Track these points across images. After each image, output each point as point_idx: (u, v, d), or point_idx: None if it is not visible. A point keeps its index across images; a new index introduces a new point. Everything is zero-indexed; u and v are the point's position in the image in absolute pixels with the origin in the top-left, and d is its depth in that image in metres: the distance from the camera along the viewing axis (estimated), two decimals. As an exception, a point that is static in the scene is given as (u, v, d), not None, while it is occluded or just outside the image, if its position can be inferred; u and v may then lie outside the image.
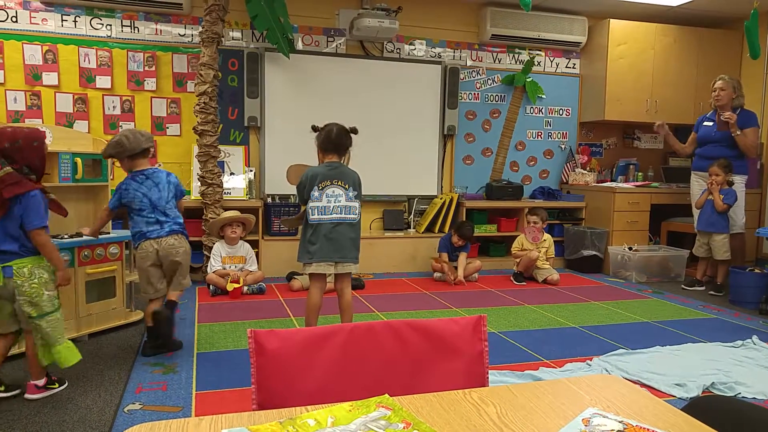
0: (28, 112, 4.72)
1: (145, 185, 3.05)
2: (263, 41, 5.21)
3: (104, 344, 3.21)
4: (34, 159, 2.38)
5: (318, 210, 3.05)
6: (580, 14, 5.96)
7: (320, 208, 3.05)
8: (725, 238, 4.75)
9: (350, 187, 3.11)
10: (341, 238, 3.06)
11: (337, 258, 3.06)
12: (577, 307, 4.27)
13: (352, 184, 3.11)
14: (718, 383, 2.73)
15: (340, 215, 3.07)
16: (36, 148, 2.38)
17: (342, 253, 3.06)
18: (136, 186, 3.05)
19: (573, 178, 6.17)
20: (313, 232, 3.06)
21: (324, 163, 3.15)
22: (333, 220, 3.06)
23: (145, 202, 3.04)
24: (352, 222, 3.11)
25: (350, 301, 3.19)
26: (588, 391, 1.09)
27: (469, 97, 5.95)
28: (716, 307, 4.39)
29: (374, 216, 5.72)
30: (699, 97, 6.09)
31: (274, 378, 1.14)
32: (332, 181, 3.07)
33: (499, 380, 2.67)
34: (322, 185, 3.06)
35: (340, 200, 3.07)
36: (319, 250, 3.03)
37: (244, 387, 2.62)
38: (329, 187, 3.07)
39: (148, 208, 3.04)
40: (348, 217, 3.09)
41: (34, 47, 4.71)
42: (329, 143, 3.13)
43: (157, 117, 5.08)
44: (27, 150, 2.35)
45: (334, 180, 3.08)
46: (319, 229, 3.05)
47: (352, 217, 3.10)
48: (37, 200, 2.34)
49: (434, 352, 1.25)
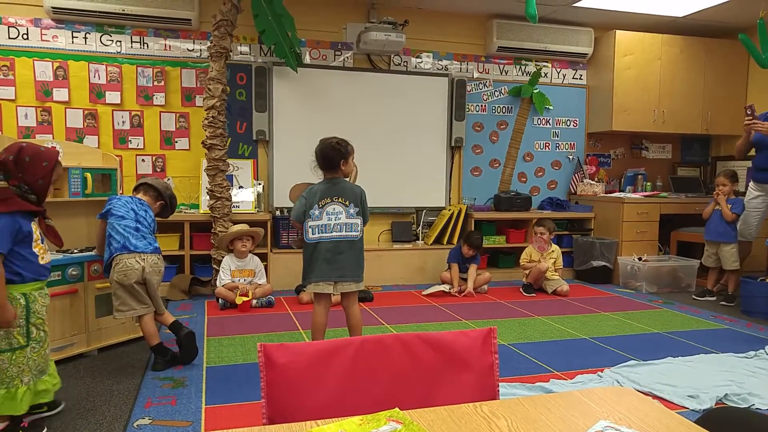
0: (39, 127, 4.78)
1: (135, 204, 3.15)
2: (271, 55, 5.25)
3: (113, 359, 3.21)
4: (37, 179, 2.22)
5: (318, 228, 3.00)
6: (586, 26, 5.97)
7: (320, 226, 3.00)
8: (734, 247, 4.73)
9: (351, 203, 3.03)
10: (341, 257, 2.99)
11: (336, 277, 2.99)
12: (587, 318, 4.24)
13: (353, 201, 3.04)
14: (732, 395, 2.69)
15: (341, 233, 3.00)
16: (43, 168, 2.23)
17: (341, 272, 2.99)
18: (128, 200, 3.14)
19: (581, 189, 6.16)
20: (313, 251, 3.00)
21: (325, 180, 3.09)
22: (333, 238, 2.99)
23: (131, 214, 3.08)
24: (354, 239, 3.03)
25: (359, 319, 3.13)
26: (600, 403, 1.08)
27: (477, 109, 5.97)
28: (728, 317, 4.34)
29: (383, 228, 5.73)
30: (707, 107, 6.08)
31: (284, 392, 1.14)
32: (333, 199, 3.01)
33: (509, 393, 2.65)
34: (322, 203, 3.01)
35: (340, 218, 3.01)
36: (318, 269, 2.98)
37: (254, 401, 2.61)
38: (329, 204, 3.01)
39: (131, 219, 3.06)
40: (349, 235, 3.02)
41: (44, 64, 4.77)
42: (321, 162, 3.07)
43: (166, 131, 5.12)
44: (30, 168, 2.19)
45: (335, 197, 3.02)
46: (318, 248, 2.99)
47: (353, 234, 3.03)
48: (0, 223, 2.11)
49: (444, 364, 1.25)
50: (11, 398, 2.17)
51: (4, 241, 2.11)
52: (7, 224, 2.12)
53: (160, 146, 5.11)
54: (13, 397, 2.17)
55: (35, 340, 2.24)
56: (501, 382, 1.29)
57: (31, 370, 2.22)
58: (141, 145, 5.05)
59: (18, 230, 2.16)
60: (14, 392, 2.18)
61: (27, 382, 2.21)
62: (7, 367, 2.16)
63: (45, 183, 2.25)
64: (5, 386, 2.16)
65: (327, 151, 3.02)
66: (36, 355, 2.24)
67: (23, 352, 2.20)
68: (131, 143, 5.03)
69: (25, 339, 2.20)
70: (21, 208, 2.18)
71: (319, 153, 3.05)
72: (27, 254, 2.20)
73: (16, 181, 2.19)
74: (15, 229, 2.15)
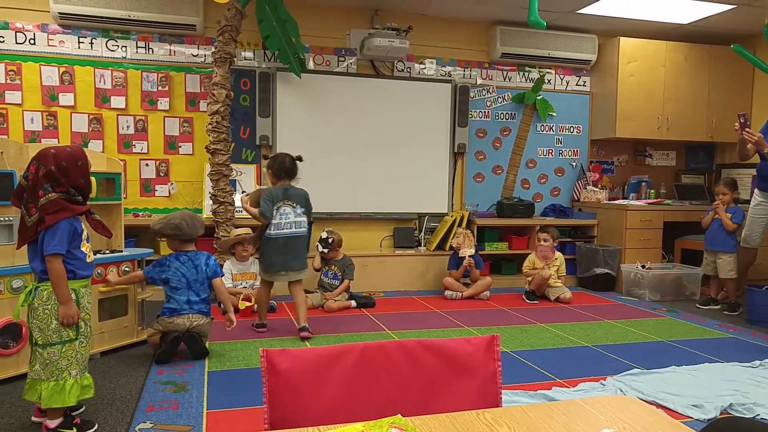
0: (45, 132, 4.80)
1: (186, 266, 3.31)
2: (275, 61, 5.27)
3: (116, 362, 3.21)
4: (79, 180, 2.29)
5: (273, 226, 3.67)
6: (589, 32, 5.98)
7: (274, 224, 3.67)
8: (731, 257, 4.74)
9: (298, 205, 3.74)
10: (290, 250, 3.70)
11: (287, 267, 3.70)
12: (590, 325, 4.22)
13: (299, 203, 3.74)
14: (737, 404, 2.67)
15: (291, 230, 3.70)
16: (80, 168, 2.29)
17: (292, 263, 3.72)
18: (178, 265, 3.30)
19: (584, 196, 6.15)
20: (269, 245, 3.67)
21: (277, 185, 3.74)
22: (285, 234, 3.69)
23: (183, 281, 3.29)
24: (301, 235, 3.75)
25: (303, 297, 3.82)
26: (603, 412, 1.07)
27: (480, 115, 5.97)
28: (733, 326, 4.32)
29: (385, 234, 5.72)
30: (711, 114, 6.07)
31: (286, 397, 1.14)
32: (284, 202, 3.69)
33: (511, 400, 2.63)
34: (277, 205, 3.67)
35: (289, 217, 3.70)
36: (274, 260, 3.68)
37: (256, 406, 2.61)
38: (282, 206, 3.68)
39: (183, 287, 3.28)
40: (297, 231, 3.73)
41: (51, 69, 4.80)
42: (283, 171, 3.75)
43: (170, 136, 5.14)
44: (72, 171, 2.26)
45: (286, 200, 3.70)
46: (273, 242, 3.66)
47: (301, 230, 3.75)
48: (60, 226, 2.21)
49: (447, 371, 1.24)
50: (60, 391, 2.25)
51: (63, 242, 2.22)
52: (66, 227, 2.24)
53: (163, 151, 5.12)
54: (62, 389, 2.25)
55: (83, 335, 2.34)
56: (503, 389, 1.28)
57: (79, 363, 2.31)
58: (145, 150, 5.07)
59: (73, 232, 2.27)
60: (63, 384, 2.26)
61: (75, 375, 2.29)
62: (57, 360, 2.26)
63: (87, 181, 2.34)
64: (54, 378, 2.25)
65: (291, 165, 3.78)
66: (83, 349, 2.34)
67: (72, 345, 2.29)
68: (135, 148, 5.04)
69: (74, 333, 2.30)
70: (74, 213, 2.27)
71: (287, 163, 3.76)
72: (78, 253, 2.31)
73: (62, 188, 2.25)
74: (71, 231, 2.26)
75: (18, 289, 2.82)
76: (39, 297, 2.25)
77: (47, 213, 2.19)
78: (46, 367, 2.24)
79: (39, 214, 2.19)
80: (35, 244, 2.25)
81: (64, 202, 2.24)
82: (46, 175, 2.21)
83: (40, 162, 2.22)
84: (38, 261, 2.25)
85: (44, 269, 2.23)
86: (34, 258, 2.26)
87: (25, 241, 2.26)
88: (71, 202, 2.27)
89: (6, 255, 2.81)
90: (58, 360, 2.26)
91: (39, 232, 2.21)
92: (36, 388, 2.26)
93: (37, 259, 2.25)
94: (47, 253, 2.20)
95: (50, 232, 2.20)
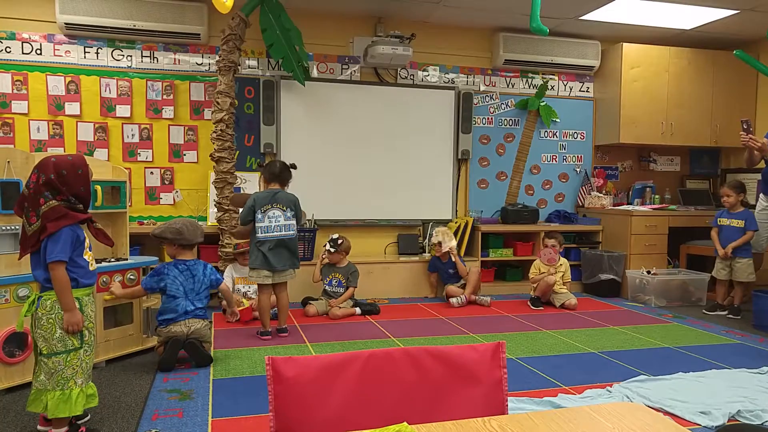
0: (51, 141, 4.83)
1: (184, 275, 3.35)
2: (279, 69, 5.29)
3: (121, 370, 3.22)
4: (79, 188, 2.29)
5: (262, 229, 3.76)
6: (592, 38, 5.99)
7: (263, 227, 3.76)
8: (749, 260, 4.69)
9: (287, 208, 3.83)
10: (279, 252, 3.79)
11: (275, 268, 3.78)
12: (596, 331, 4.20)
13: (288, 206, 3.83)
14: (744, 411, 2.65)
15: (280, 233, 3.80)
16: (80, 176, 2.29)
17: (280, 265, 3.80)
18: (177, 273, 3.34)
19: (589, 202, 6.13)
20: (258, 246, 3.76)
21: (266, 190, 3.86)
22: (274, 237, 3.78)
23: (180, 290, 3.32)
24: (291, 237, 3.85)
25: (286, 302, 3.94)
26: (610, 419, 1.07)
27: (483, 122, 5.98)
28: (740, 332, 4.29)
29: (389, 240, 5.72)
30: (715, 119, 6.06)
31: (292, 406, 1.14)
32: (273, 205, 3.79)
33: (517, 407, 2.62)
34: (264, 209, 3.76)
35: (279, 220, 3.79)
36: (262, 261, 3.75)
37: (261, 414, 2.60)
38: (270, 210, 3.77)
39: (181, 296, 3.32)
40: (287, 234, 3.83)
41: (57, 78, 4.83)
42: (273, 176, 3.87)
43: (175, 144, 5.16)
44: (72, 179, 2.26)
45: (274, 204, 3.79)
46: (262, 244, 3.75)
47: (290, 233, 3.85)
48: (63, 234, 2.22)
49: (453, 379, 1.24)
50: (66, 400, 2.25)
51: (66, 250, 2.22)
52: (69, 235, 2.24)
53: (168, 159, 5.14)
54: (68, 398, 2.25)
55: (87, 343, 2.33)
56: (508, 396, 1.27)
57: (84, 372, 2.32)
58: (150, 158, 5.09)
59: (76, 239, 2.27)
60: (69, 393, 2.26)
61: (80, 384, 2.29)
62: (62, 369, 2.25)
63: (87, 189, 2.35)
64: (60, 388, 2.25)
65: (284, 168, 3.92)
66: (88, 358, 2.34)
67: (77, 354, 2.29)
68: (140, 156, 5.06)
69: (79, 341, 2.30)
70: (75, 221, 2.27)
71: (278, 169, 3.89)
72: (80, 261, 2.31)
73: (63, 196, 2.26)
74: (74, 238, 2.26)
75: (24, 297, 2.83)
76: (42, 306, 2.25)
77: (49, 220, 2.19)
78: (51, 377, 2.24)
79: (41, 221, 2.19)
80: (37, 254, 2.25)
81: (66, 210, 2.24)
82: (46, 183, 2.22)
83: (41, 170, 2.23)
84: (41, 270, 2.24)
85: (47, 278, 2.22)
86: (37, 267, 2.26)
87: (27, 251, 2.26)
88: (72, 210, 2.28)
89: (12, 264, 2.82)
90: (63, 369, 2.25)
91: (41, 241, 2.21)
92: (41, 398, 2.25)
93: (39, 268, 2.25)
94: (50, 261, 2.19)
95: (53, 240, 2.20)
